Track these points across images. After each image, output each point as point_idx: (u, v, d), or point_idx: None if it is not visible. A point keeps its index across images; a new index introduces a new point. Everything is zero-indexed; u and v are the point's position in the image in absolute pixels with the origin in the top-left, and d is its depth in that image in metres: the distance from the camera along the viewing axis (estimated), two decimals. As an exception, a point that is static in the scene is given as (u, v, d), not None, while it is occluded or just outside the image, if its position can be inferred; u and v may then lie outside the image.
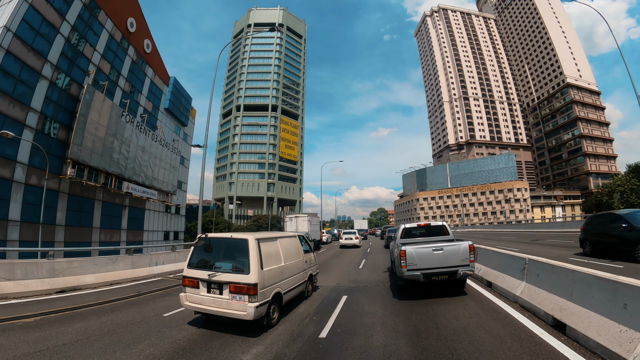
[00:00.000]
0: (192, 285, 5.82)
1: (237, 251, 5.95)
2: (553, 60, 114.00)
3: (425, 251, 7.36)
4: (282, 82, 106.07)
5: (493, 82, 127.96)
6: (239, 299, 5.38)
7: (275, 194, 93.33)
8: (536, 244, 17.96)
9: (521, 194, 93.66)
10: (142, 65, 36.11)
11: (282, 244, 6.95)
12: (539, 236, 22.89)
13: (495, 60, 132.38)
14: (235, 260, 5.87)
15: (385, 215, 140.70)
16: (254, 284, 5.40)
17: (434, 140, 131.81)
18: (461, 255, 7.29)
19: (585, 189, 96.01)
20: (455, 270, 7.20)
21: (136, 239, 33.90)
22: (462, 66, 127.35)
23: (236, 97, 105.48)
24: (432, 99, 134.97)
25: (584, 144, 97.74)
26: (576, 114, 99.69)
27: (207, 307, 5.65)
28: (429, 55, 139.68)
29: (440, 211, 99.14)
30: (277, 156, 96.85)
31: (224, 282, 5.54)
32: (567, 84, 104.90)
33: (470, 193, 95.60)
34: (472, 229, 52.07)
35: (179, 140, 45.37)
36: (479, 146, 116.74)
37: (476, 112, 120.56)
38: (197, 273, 5.81)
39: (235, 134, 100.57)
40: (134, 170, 31.51)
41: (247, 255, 5.62)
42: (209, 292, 5.66)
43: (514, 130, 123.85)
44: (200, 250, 6.07)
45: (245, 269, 5.56)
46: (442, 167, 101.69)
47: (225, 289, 5.52)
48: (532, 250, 14.67)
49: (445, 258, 7.28)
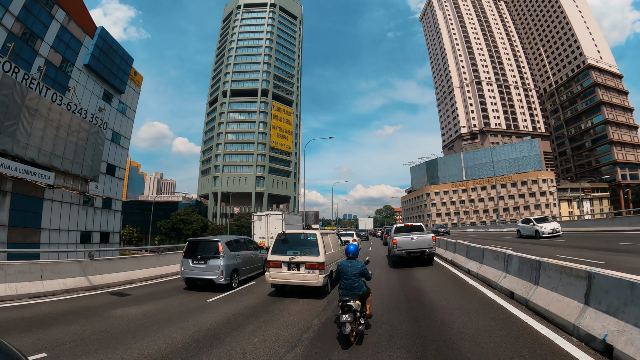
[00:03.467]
0: (275, 266, 8.28)
1: (308, 242, 8.50)
2: (571, 40, 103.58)
3: (407, 238, 12.66)
4: (273, 65, 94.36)
5: (507, 66, 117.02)
6: (312, 273, 7.93)
7: (265, 189, 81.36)
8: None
9: (547, 186, 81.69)
10: (48, 5, 25.33)
11: (331, 237, 9.70)
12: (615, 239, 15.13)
13: (507, 43, 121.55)
14: (308, 247, 8.36)
15: (391, 213, 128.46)
16: (322, 262, 7.97)
17: (444, 130, 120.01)
18: (428, 241, 12.46)
19: (612, 181, 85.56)
20: (424, 250, 12.42)
21: (27, 240, 22.22)
22: (473, 48, 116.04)
23: (223, 82, 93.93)
24: (441, 85, 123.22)
25: (610, 131, 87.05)
26: (599, 98, 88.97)
27: (287, 280, 8.20)
28: (436, 40, 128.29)
29: (455, 207, 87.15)
30: (268, 146, 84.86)
31: (301, 262, 8.06)
32: (588, 65, 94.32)
33: (489, 186, 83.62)
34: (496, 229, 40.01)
35: (106, 110, 33.65)
36: (494, 135, 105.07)
37: (490, 98, 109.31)
38: (279, 257, 8.27)
39: (221, 122, 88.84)
40: (13, 140, 19.69)
41: (317, 244, 8.26)
42: (289, 269, 8.15)
43: (531, 118, 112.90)
44: (279, 242, 8.57)
45: (314, 253, 8.13)
46: (456, 157, 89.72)
47: (302, 267, 8.04)
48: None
49: (419, 243, 12.47)
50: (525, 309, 5.63)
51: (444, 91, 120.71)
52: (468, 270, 9.92)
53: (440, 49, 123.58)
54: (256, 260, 11.51)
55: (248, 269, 10.85)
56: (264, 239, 17.63)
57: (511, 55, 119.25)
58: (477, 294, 7.29)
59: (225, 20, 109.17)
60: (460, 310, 6.06)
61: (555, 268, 5.10)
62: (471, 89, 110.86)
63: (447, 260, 13.13)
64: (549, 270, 5.30)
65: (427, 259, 12.91)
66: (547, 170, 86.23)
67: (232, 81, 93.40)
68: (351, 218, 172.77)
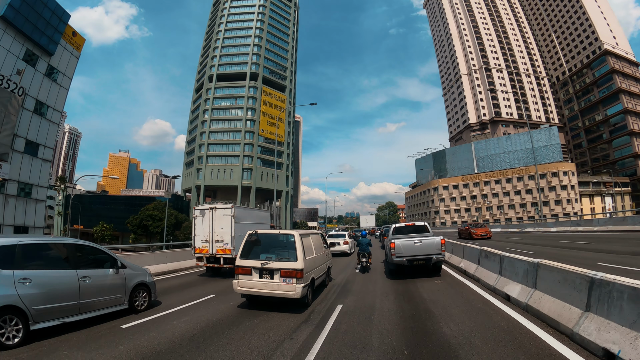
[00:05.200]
0: (244, 273, 6.90)
1: (284, 244, 7.26)
2: (585, 25, 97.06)
3: (409, 242, 10.06)
4: (264, 48, 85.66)
5: (517, 53, 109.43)
6: (289, 282, 6.56)
7: (252, 182, 72.44)
8: None
9: (568, 180, 73.29)
10: None
11: (313, 239, 8.32)
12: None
13: (517, 29, 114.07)
14: (286, 250, 7.06)
15: (394, 210, 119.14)
16: (301, 269, 6.65)
17: (451, 121, 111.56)
18: (435, 246, 9.85)
19: (633, 175, 78.24)
20: (431, 257, 9.81)
21: None
22: (481, 33, 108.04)
23: (209, 67, 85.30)
24: (447, 73, 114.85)
25: (629, 121, 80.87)
26: (618, 86, 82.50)
27: (259, 290, 6.78)
28: (441, 25, 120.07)
29: (465, 203, 78.49)
30: (257, 135, 75.97)
31: (275, 269, 6.71)
32: (604, 50, 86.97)
33: (504, 179, 75.06)
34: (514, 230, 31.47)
35: (27, 73, 25.54)
36: (505, 125, 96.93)
37: (500, 86, 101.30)
38: (249, 262, 6.92)
39: (206, 109, 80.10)
40: None
41: (295, 246, 6.92)
42: (261, 277, 6.80)
43: (544, 108, 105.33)
44: (249, 244, 7.21)
45: (292, 258, 6.81)
46: (466, 148, 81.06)
47: (276, 274, 6.68)
48: None
49: (423, 248, 9.90)
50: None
51: (450, 79, 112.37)
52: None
53: (446, 35, 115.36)
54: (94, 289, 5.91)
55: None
56: (206, 243, 12.07)
57: (521, 42, 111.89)
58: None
59: (215, 4, 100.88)
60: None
61: None
62: (480, 76, 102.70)
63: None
64: None
65: (433, 267, 10.62)
66: (568, 162, 77.70)
67: (219, 65, 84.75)
68: (353, 216, 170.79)
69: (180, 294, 8.72)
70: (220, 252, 11.50)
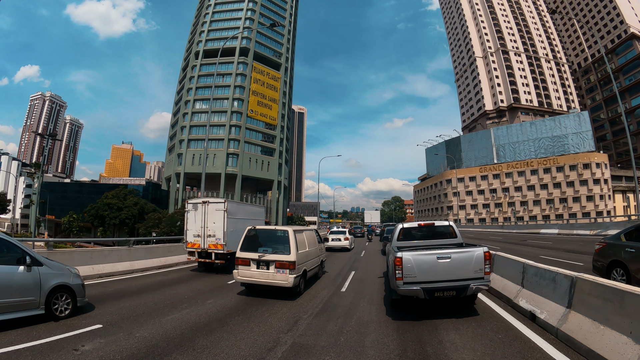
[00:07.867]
0: (244, 264, 7.70)
1: (280, 238, 7.95)
2: (610, 7, 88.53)
3: (428, 259, 5.43)
4: (257, 21, 76.02)
5: (536, 37, 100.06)
6: (282, 272, 7.34)
7: (238, 169, 62.85)
8: None
9: (600, 172, 63.78)
10: None
11: (307, 235, 9.04)
12: None
13: (535, 11, 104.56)
14: (280, 244, 7.78)
15: (400, 206, 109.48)
16: (293, 261, 7.42)
17: (464, 108, 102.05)
18: (474, 266, 5.31)
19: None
20: (467, 285, 5.27)
21: None
22: (497, 13, 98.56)
23: (196, 42, 75.93)
24: (461, 56, 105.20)
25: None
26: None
27: (256, 280, 7.65)
28: (453, 5, 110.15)
29: (484, 197, 68.95)
30: (245, 116, 66.34)
31: (270, 261, 7.48)
32: (631, 34, 77.75)
33: (529, 170, 65.54)
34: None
35: None
36: (525, 112, 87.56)
37: (519, 71, 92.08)
38: (248, 255, 7.72)
39: (190, 88, 70.67)
40: None
41: (289, 241, 7.68)
42: (258, 268, 7.60)
43: (565, 96, 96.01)
44: (249, 238, 8.04)
45: (286, 251, 7.58)
46: (485, 134, 71.48)
47: (272, 266, 7.46)
48: None
49: (453, 268, 5.32)
50: None
51: (463, 63, 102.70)
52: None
53: (459, 16, 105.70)
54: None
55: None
56: (198, 238, 11.90)
57: (539, 25, 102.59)
58: None
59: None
60: None
61: None
62: (497, 59, 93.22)
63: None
64: None
65: (464, 298, 5.66)
66: (599, 152, 68.10)
67: (207, 40, 75.34)
68: (358, 211, 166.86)
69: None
70: (212, 247, 11.53)
